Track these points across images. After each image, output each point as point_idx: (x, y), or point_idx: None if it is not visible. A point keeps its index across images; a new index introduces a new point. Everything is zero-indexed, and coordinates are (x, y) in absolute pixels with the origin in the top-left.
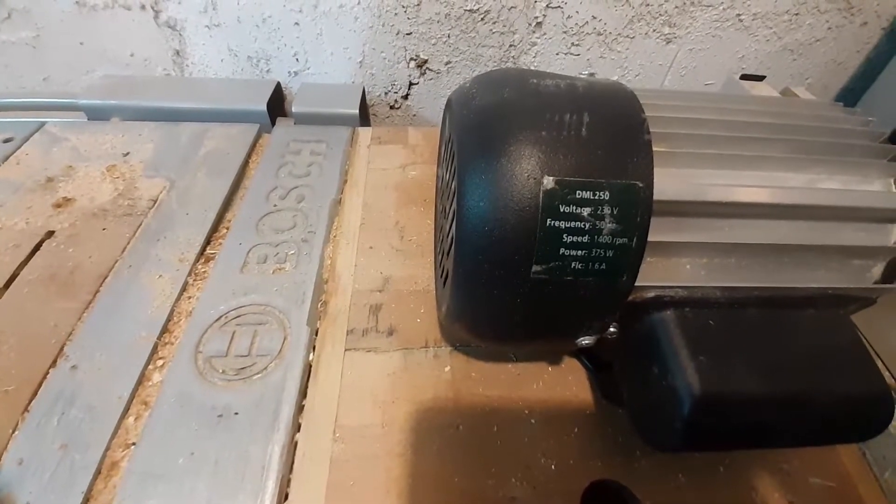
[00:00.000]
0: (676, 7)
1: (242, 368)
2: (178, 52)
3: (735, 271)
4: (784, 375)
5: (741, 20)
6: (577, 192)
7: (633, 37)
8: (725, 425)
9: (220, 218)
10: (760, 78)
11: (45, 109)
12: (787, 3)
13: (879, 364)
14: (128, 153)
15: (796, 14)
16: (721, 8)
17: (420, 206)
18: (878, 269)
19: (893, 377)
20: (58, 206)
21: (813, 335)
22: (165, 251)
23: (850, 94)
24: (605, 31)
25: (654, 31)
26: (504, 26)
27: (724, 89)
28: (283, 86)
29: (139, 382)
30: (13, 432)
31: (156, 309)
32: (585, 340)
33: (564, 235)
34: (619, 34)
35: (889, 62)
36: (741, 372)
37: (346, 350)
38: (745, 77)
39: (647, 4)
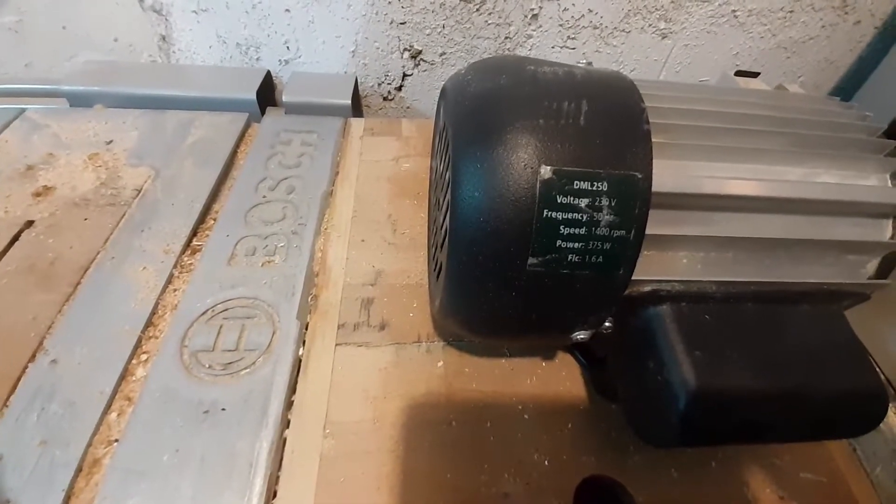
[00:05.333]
0: (672, 2)
1: (230, 363)
2: (164, 38)
3: (731, 266)
4: (779, 371)
5: (736, 16)
6: (575, 182)
7: (629, 31)
8: (720, 421)
9: (207, 209)
10: (755, 75)
11: (27, 96)
12: (782, 0)
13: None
14: (111, 141)
15: (791, 11)
16: (716, 4)
17: (413, 199)
18: (872, 265)
19: (884, 374)
20: (38, 194)
21: (808, 331)
22: (150, 242)
23: (842, 93)
24: (602, 24)
25: (650, 25)
26: (500, 17)
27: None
28: (273, 74)
29: (122, 377)
30: None
31: (140, 302)
32: (581, 335)
33: (561, 227)
34: (615, 28)
35: (882, 61)
36: (737, 367)
37: (336, 345)
38: (739, 74)
39: None
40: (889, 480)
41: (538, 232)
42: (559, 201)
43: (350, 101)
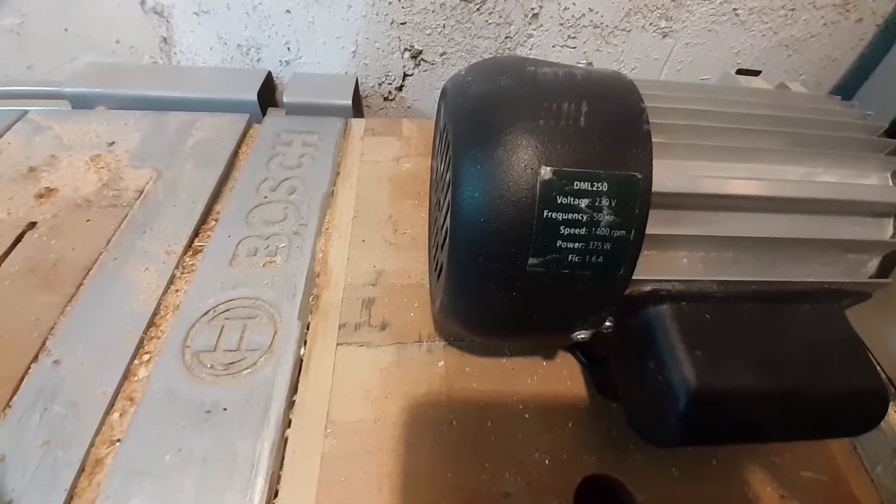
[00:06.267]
0: (673, 0)
1: (231, 363)
2: (165, 40)
3: (732, 265)
4: (780, 370)
5: (737, 15)
6: (575, 183)
7: (630, 30)
8: (721, 420)
9: (208, 209)
10: (756, 73)
11: (29, 98)
12: None
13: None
14: (113, 143)
15: (792, 9)
16: (717, 2)
17: (414, 199)
18: (873, 264)
19: (885, 373)
20: (40, 196)
21: (808, 330)
22: (152, 243)
23: (844, 91)
24: (602, 23)
25: (651, 24)
26: (500, 17)
27: (721, 84)
28: (274, 75)
29: (124, 377)
30: None
31: (142, 302)
32: (581, 335)
33: (562, 227)
34: (615, 27)
35: (883, 59)
36: (737, 367)
37: (337, 344)
38: (740, 72)
39: None
40: (890, 479)
41: (538, 232)
42: (559, 202)
43: (351, 102)
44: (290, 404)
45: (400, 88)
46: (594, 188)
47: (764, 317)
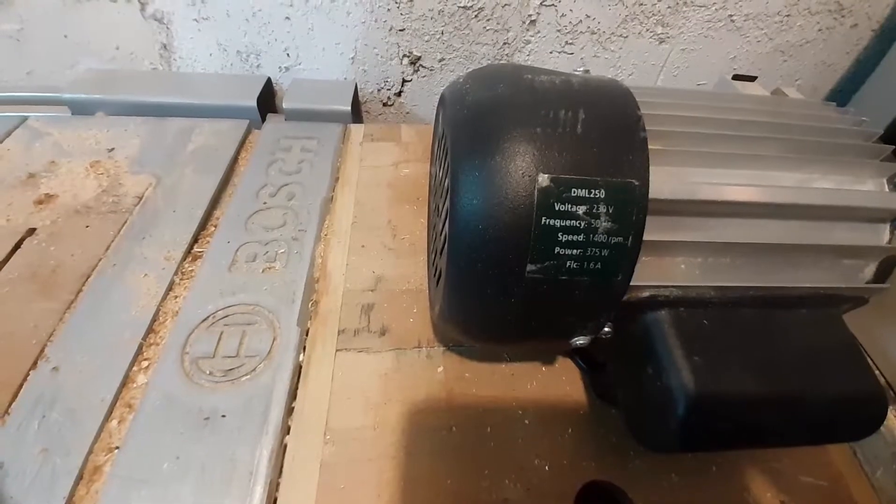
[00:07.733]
0: (669, 7)
1: (230, 370)
2: (165, 46)
3: (729, 271)
4: (778, 375)
5: (733, 21)
6: (573, 190)
7: (627, 36)
8: (720, 426)
9: (207, 215)
10: (752, 78)
11: (28, 104)
12: (779, 4)
13: (870, 364)
14: (113, 149)
15: (787, 15)
16: (713, 8)
17: (413, 205)
18: (870, 269)
19: (884, 377)
20: (39, 202)
21: (806, 335)
22: (151, 249)
23: (840, 96)
24: (599, 29)
25: (648, 30)
26: (498, 24)
27: (716, 90)
28: (273, 81)
29: (123, 384)
30: None
31: (141, 309)
32: (580, 341)
33: (559, 234)
34: (612, 33)
35: (879, 64)
36: (736, 372)
37: (337, 350)
38: (736, 77)
39: (641, 4)
40: (890, 483)
41: (536, 239)
42: (557, 209)
43: (350, 108)
44: (289, 411)
45: (399, 94)
46: (591, 195)
47: (762, 322)
